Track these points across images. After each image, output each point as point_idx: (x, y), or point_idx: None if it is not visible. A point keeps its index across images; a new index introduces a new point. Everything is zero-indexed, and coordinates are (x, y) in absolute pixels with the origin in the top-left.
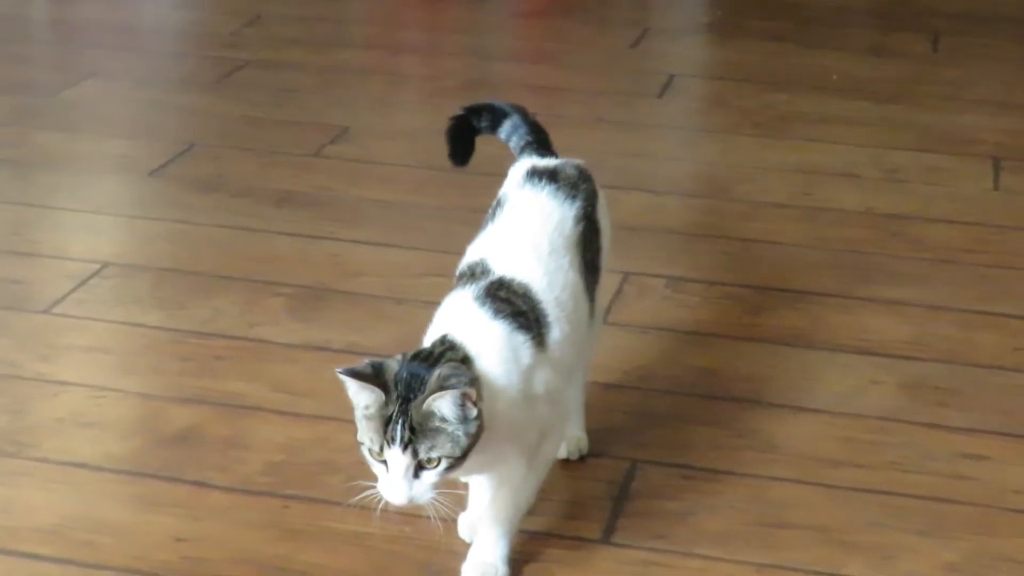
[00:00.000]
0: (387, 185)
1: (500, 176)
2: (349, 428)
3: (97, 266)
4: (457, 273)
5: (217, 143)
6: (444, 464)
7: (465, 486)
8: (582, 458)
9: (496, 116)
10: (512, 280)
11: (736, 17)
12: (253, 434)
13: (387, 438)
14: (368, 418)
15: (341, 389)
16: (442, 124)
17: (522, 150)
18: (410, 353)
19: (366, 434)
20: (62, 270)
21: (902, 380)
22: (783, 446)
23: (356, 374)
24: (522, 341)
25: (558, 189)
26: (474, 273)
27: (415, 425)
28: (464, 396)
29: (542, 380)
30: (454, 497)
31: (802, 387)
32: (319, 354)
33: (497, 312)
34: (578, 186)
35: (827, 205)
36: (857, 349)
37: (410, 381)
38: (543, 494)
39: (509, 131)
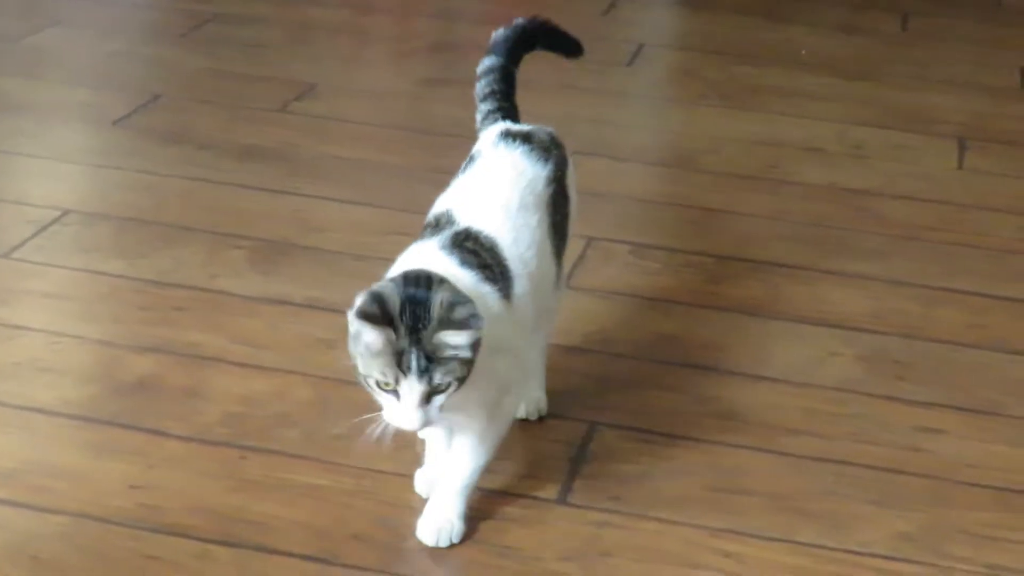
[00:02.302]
0: (352, 143)
1: (464, 138)
2: (308, 382)
3: (58, 213)
4: (424, 224)
5: (183, 95)
6: (453, 387)
7: (421, 442)
8: (541, 419)
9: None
10: (479, 233)
11: None
12: (211, 385)
13: (402, 369)
14: (376, 354)
15: (301, 343)
16: (409, 85)
17: (488, 114)
18: (399, 276)
19: (375, 369)
20: (22, 216)
21: (861, 352)
22: (741, 413)
23: (370, 317)
24: (488, 291)
25: (531, 150)
26: (439, 223)
27: (429, 354)
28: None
29: (505, 334)
30: (411, 453)
31: (762, 356)
32: (279, 307)
33: (464, 262)
34: (550, 150)
35: (791, 178)
36: (817, 321)
37: (414, 309)
38: (501, 453)
39: (491, 84)
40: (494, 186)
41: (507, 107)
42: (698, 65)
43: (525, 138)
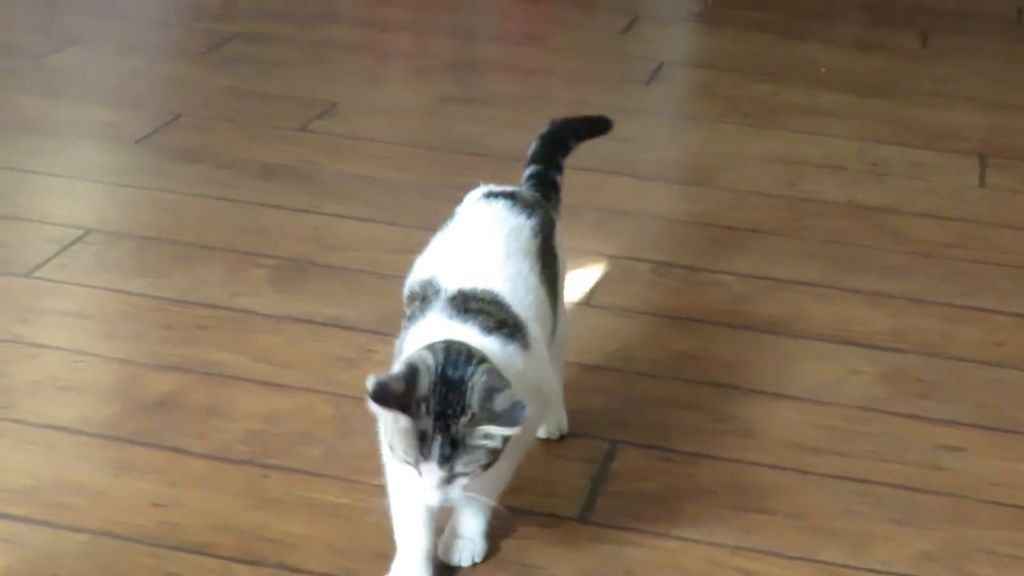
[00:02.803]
0: (372, 161)
1: (482, 156)
2: (329, 400)
3: (80, 232)
4: (407, 292)
5: (204, 114)
6: (477, 473)
7: None
8: (562, 437)
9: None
10: (475, 290)
11: (726, 7)
12: (233, 403)
13: (422, 453)
14: (400, 431)
15: (323, 361)
16: (427, 103)
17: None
18: (439, 346)
19: (398, 443)
20: (45, 235)
21: (882, 371)
22: (762, 432)
23: (388, 398)
24: (513, 350)
25: (513, 204)
26: (425, 295)
27: (456, 440)
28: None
29: (533, 383)
30: None
31: (782, 374)
32: (301, 326)
33: (483, 327)
34: (534, 207)
35: (811, 196)
36: (838, 339)
37: (447, 393)
38: (523, 472)
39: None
40: (477, 240)
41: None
42: (718, 83)
43: (508, 195)
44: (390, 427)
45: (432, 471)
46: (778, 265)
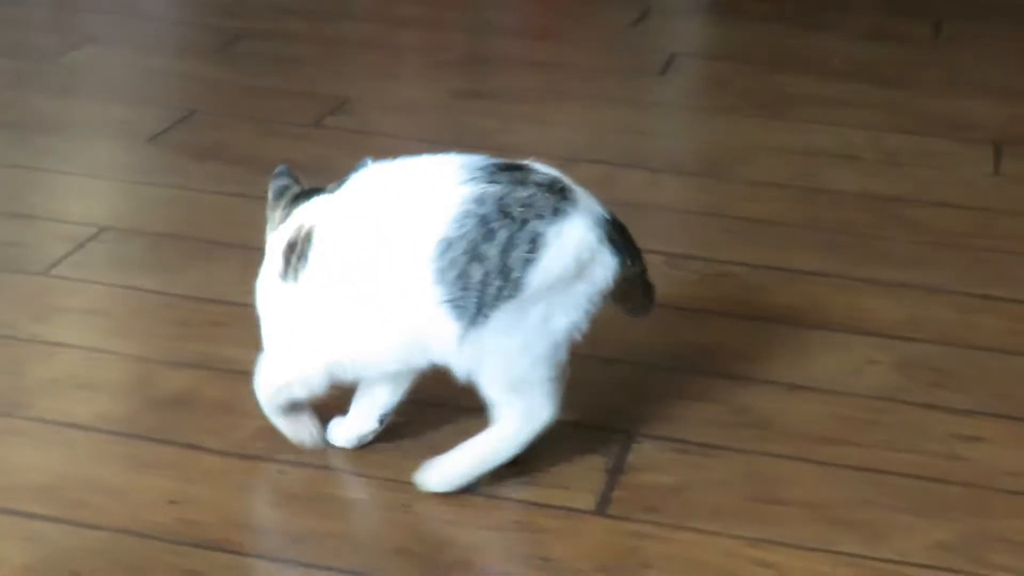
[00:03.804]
0: (386, 156)
1: (496, 150)
2: (345, 396)
3: (95, 230)
4: None
5: (217, 111)
6: None
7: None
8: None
9: None
10: None
11: None
12: (248, 399)
13: None
14: None
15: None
16: (441, 98)
17: None
18: None
19: None
20: (59, 233)
21: (898, 360)
22: (778, 423)
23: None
24: None
25: None
26: None
27: None
28: None
29: None
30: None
31: (798, 365)
32: None
33: None
34: None
35: (826, 186)
36: (854, 329)
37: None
38: (538, 465)
39: None
40: None
41: None
42: (730, 74)
43: None
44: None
45: None
46: (793, 256)
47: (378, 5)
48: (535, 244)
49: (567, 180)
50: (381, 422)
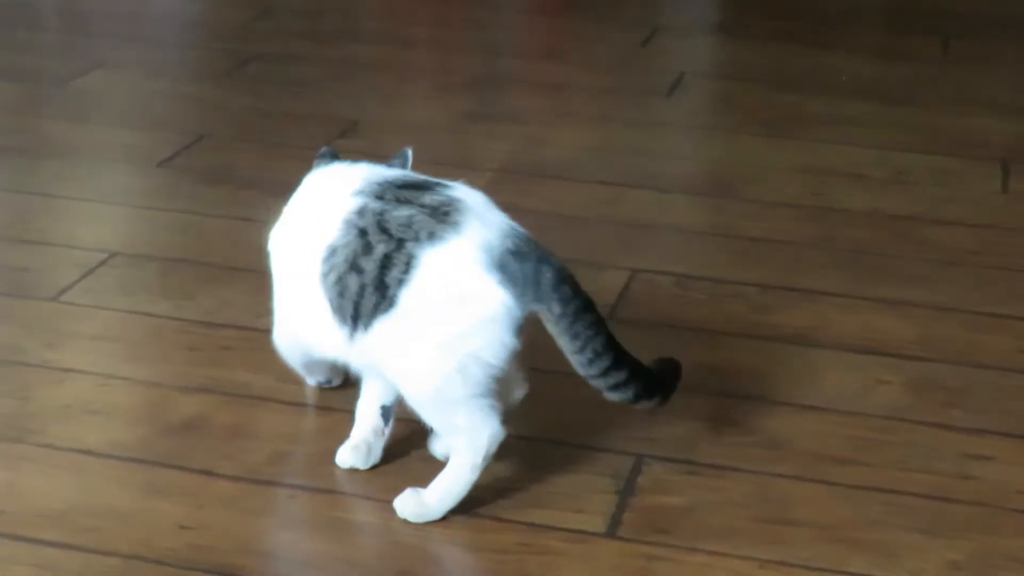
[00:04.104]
0: None
1: (507, 172)
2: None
3: (105, 255)
4: None
5: (226, 135)
6: None
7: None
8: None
9: None
10: None
11: (746, 17)
12: (260, 424)
13: None
14: None
15: (348, 380)
16: (450, 119)
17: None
18: None
19: None
20: (70, 259)
21: (908, 380)
22: (788, 443)
23: None
24: None
25: None
26: None
27: None
28: None
29: None
30: None
31: (808, 385)
32: None
33: None
34: None
35: (835, 205)
36: (863, 348)
37: None
38: (549, 487)
39: None
40: None
41: None
42: (739, 93)
43: None
44: None
45: None
46: (802, 275)
47: (386, 27)
48: (408, 265)
49: (469, 204)
50: (385, 417)
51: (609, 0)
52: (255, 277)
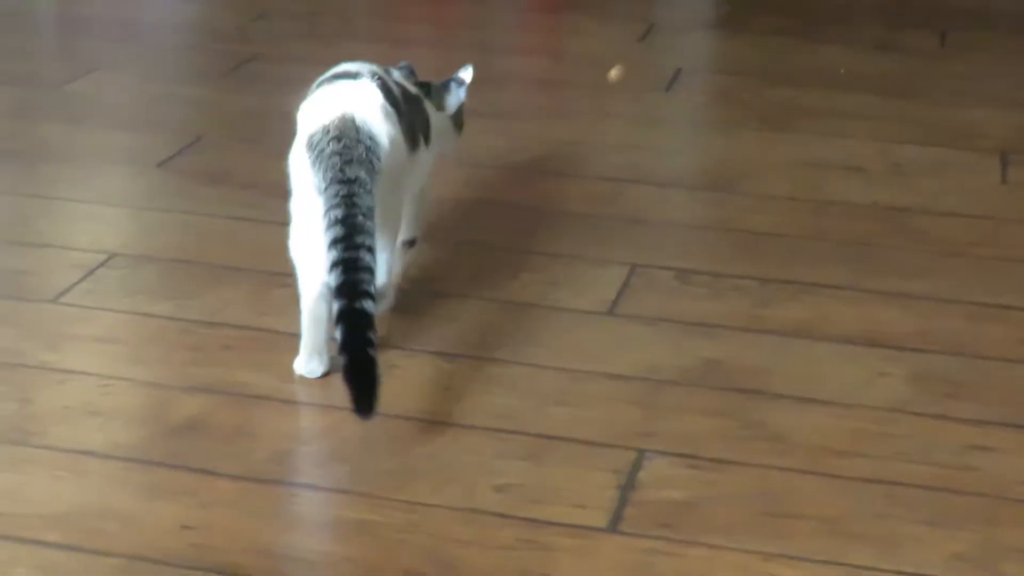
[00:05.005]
0: None
1: (506, 169)
2: (356, 418)
3: (104, 256)
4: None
5: (225, 135)
6: None
7: None
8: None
9: None
10: None
11: (743, 12)
12: (261, 423)
13: None
14: None
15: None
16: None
17: None
18: None
19: None
20: (69, 260)
21: (909, 372)
22: (790, 437)
23: None
24: None
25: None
26: None
27: None
28: None
29: None
30: (459, 488)
31: (809, 378)
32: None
33: None
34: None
35: (834, 198)
36: (864, 341)
37: None
38: (550, 482)
39: None
40: None
41: None
42: (736, 88)
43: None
44: None
45: None
46: (802, 269)
47: (384, 26)
48: None
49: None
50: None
51: None
52: (255, 277)
